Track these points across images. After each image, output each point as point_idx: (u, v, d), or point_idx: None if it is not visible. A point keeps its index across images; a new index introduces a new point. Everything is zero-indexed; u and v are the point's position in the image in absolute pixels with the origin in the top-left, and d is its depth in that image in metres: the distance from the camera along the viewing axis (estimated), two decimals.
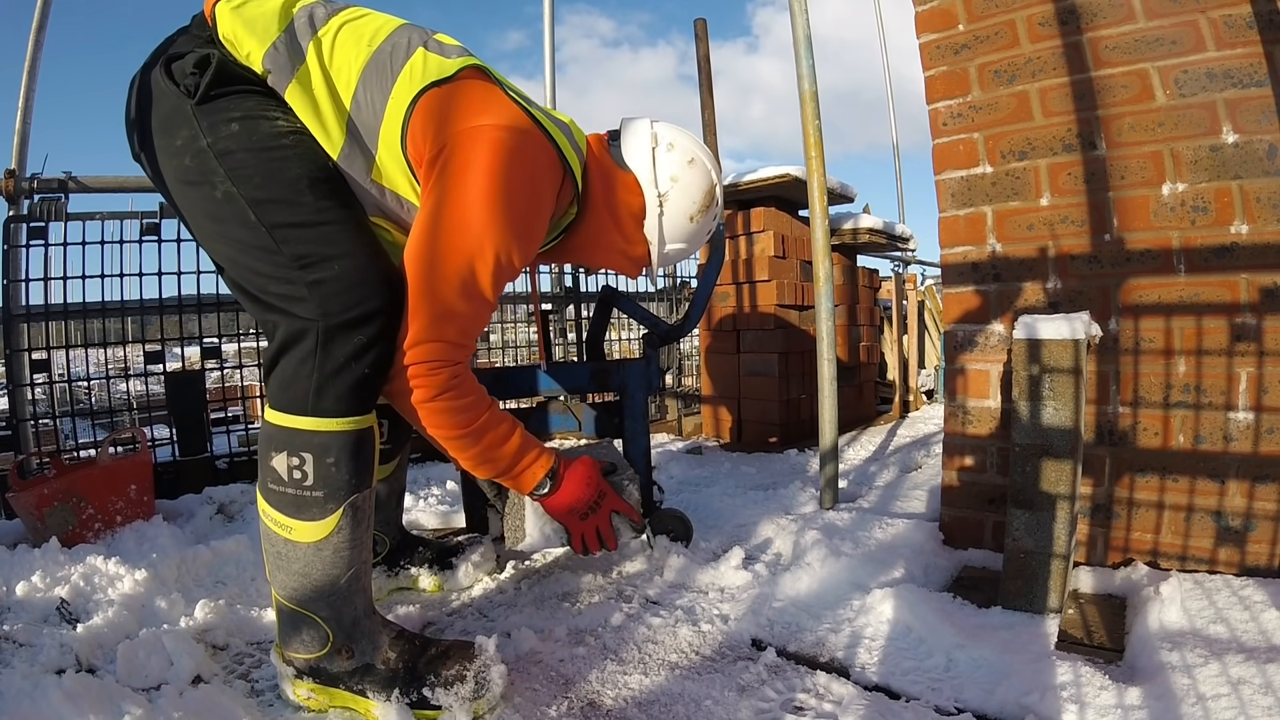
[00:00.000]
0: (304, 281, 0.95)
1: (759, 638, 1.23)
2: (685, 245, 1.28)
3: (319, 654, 1.01)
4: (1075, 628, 1.19)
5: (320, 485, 0.96)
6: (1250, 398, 1.30)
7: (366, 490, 1.01)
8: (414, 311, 0.98)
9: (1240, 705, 0.88)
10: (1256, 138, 1.28)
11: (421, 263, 0.97)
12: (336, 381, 0.95)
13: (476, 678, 1.01)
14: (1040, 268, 1.51)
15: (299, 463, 0.95)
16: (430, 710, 0.99)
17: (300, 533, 0.97)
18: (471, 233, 0.97)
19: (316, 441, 0.95)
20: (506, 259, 1.00)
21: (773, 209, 3.12)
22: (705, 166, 1.25)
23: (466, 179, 0.97)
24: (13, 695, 0.95)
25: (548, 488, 1.17)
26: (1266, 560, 1.28)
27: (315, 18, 1.04)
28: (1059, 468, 1.23)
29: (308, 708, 1.03)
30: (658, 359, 1.69)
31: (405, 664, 1.02)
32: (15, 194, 2.07)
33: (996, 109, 1.54)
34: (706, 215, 1.27)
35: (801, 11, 1.87)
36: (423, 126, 0.99)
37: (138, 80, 1.03)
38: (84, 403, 2.41)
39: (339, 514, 0.97)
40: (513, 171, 0.99)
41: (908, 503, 1.96)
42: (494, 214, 0.97)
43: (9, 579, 1.40)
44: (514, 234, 1.00)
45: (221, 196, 0.97)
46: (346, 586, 1.01)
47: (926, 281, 5.72)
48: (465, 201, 0.97)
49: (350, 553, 1.00)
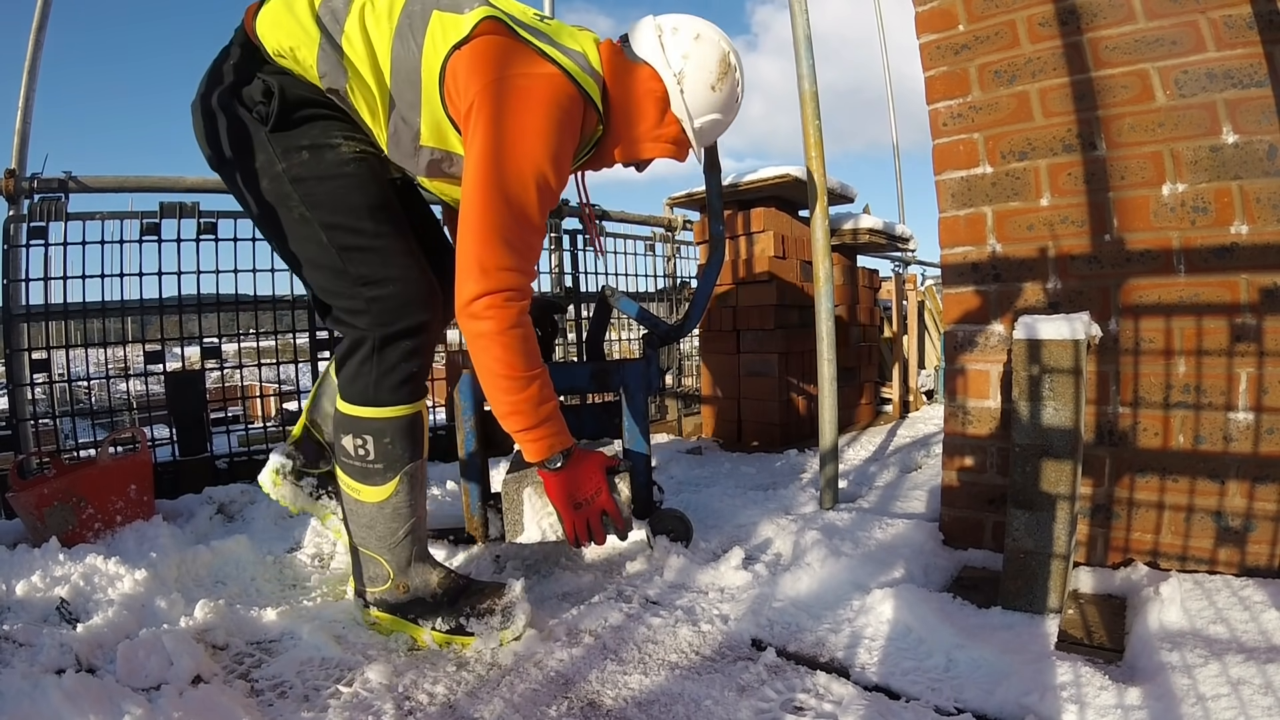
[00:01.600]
0: (364, 298, 1.15)
1: (759, 638, 1.23)
2: (718, 115, 1.33)
3: (382, 589, 1.25)
4: (1075, 628, 1.19)
5: (380, 459, 1.19)
6: (1250, 398, 1.30)
7: (419, 460, 1.24)
8: (480, 244, 1.08)
9: (1240, 705, 0.88)
10: (1256, 138, 1.28)
11: (476, 201, 1.08)
12: (390, 378, 1.17)
13: (504, 611, 1.22)
14: (1040, 268, 1.51)
15: (362, 442, 1.19)
16: (465, 636, 1.21)
17: (366, 495, 1.21)
18: (512, 164, 1.08)
19: (375, 426, 1.18)
20: (544, 182, 1.11)
21: (773, 209, 3.12)
22: (712, 38, 1.30)
23: (497, 123, 1.09)
24: (13, 695, 0.95)
25: (559, 464, 1.22)
26: (1266, 560, 1.28)
27: (336, 13, 1.13)
28: (1059, 468, 1.23)
29: (376, 630, 1.27)
30: (658, 359, 1.69)
31: (449, 598, 1.24)
32: (15, 194, 2.06)
33: (997, 109, 1.54)
34: (727, 81, 1.30)
35: (801, 11, 1.87)
36: (454, 87, 1.12)
37: (200, 105, 1.18)
38: (84, 403, 2.41)
39: (396, 481, 1.21)
40: (536, 111, 1.10)
41: (908, 503, 1.96)
42: (526, 145, 1.09)
43: (9, 579, 1.40)
44: (547, 158, 1.10)
45: (298, 218, 1.15)
46: (404, 537, 1.24)
47: (926, 281, 5.72)
48: (500, 141, 1.08)
49: (406, 510, 1.23)
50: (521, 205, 1.09)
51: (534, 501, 1.40)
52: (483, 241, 1.07)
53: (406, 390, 1.19)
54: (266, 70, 1.15)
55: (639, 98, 1.27)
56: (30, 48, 2.20)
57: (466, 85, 1.09)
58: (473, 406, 1.60)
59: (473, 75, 1.09)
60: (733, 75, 1.32)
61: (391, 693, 1.08)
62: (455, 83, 1.11)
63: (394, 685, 1.10)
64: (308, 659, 1.18)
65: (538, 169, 1.10)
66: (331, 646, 1.21)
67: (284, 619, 1.30)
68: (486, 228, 1.07)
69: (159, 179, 2.26)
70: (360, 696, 1.07)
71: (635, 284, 3.52)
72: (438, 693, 1.09)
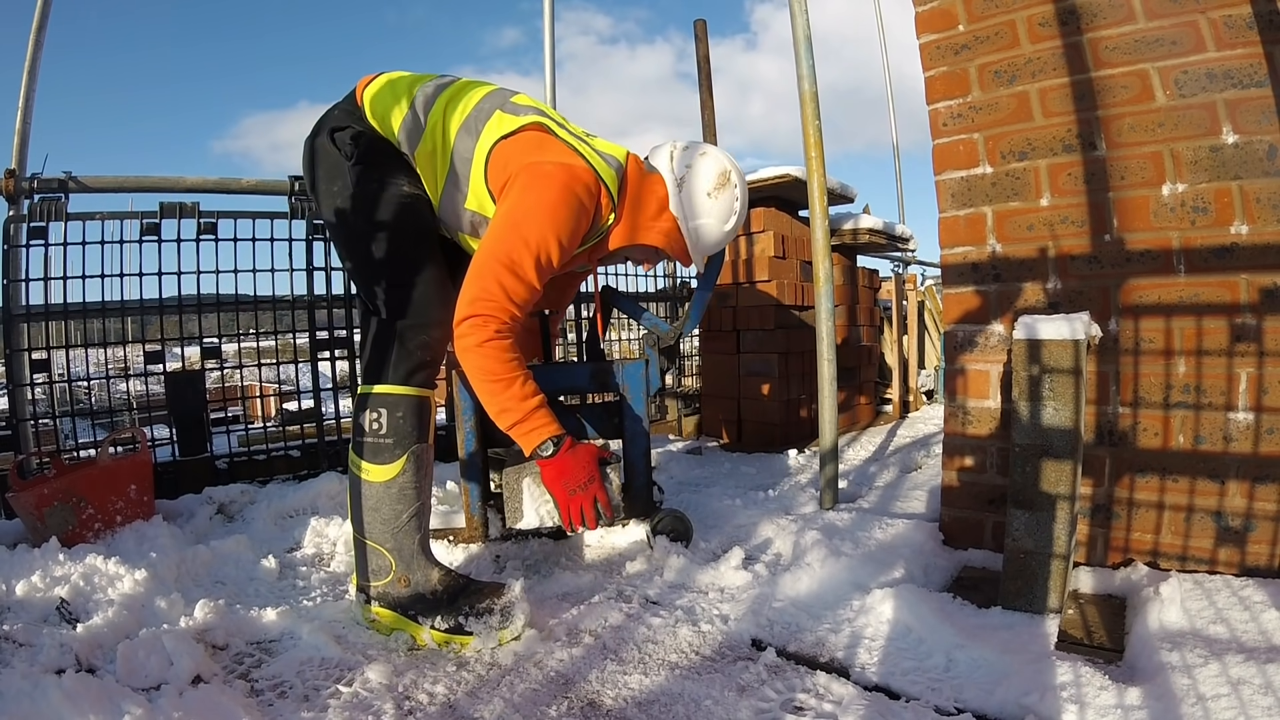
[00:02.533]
0: (397, 295, 1.34)
1: (759, 638, 1.23)
2: (710, 220, 1.51)
3: (384, 582, 1.30)
4: (1075, 628, 1.19)
5: (390, 434, 1.30)
6: (1250, 398, 1.30)
7: (426, 444, 1.34)
8: (476, 283, 1.28)
9: (1240, 705, 0.88)
10: (1256, 138, 1.28)
11: (485, 252, 1.31)
12: (407, 362, 1.32)
13: (502, 611, 1.24)
14: (1040, 268, 1.51)
15: (377, 416, 1.30)
16: (464, 635, 1.24)
17: (375, 474, 1.30)
18: (520, 231, 1.29)
19: (390, 400, 1.31)
20: (546, 252, 1.31)
21: (773, 209, 3.12)
22: (716, 156, 1.52)
23: (521, 198, 1.32)
24: (13, 695, 0.95)
25: (549, 451, 1.32)
26: (1266, 560, 1.28)
27: (427, 97, 1.43)
28: (1059, 468, 1.23)
29: (376, 629, 1.30)
30: (658, 359, 1.70)
31: (448, 596, 1.28)
32: (15, 194, 2.06)
33: (996, 109, 1.54)
34: (724, 193, 1.50)
35: (801, 12, 1.87)
36: (495, 167, 1.38)
37: (310, 142, 1.45)
38: (84, 403, 2.41)
39: (404, 459, 1.30)
40: (553, 191, 1.32)
41: (908, 503, 1.96)
42: (538, 217, 1.30)
43: (9, 579, 1.40)
44: (553, 233, 1.31)
45: (360, 232, 1.38)
46: (407, 522, 1.30)
47: (926, 282, 5.72)
48: (518, 212, 1.31)
49: (412, 492, 1.31)
50: (521, 264, 1.28)
51: (533, 490, 1.49)
52: (478, 281, 1.28)
53: (420, 377, 1.34)
54: (360, 124, 1.42)
55: (645, 195, 1.49)
56: (30, 47, 2.20)
57: (507, 164, 1.35)
58: (473, 407, 1.60)
59: (513, 158, 1.35)
60: (730, 189, 1.50)
61: (391, 693, 1.08)
62: (497, 163, 1.37)
63: (394, 685, 1.10)
64: (308, 659, 1.18)
65: (542, 239, 1.29)
66: (331, 646, 1.21)
67: (284, 619, 1.30)
68: (486, 273, 1.28)
69: (159, 179, 2.26)
70: (360, 696, 1.07)
71: (635, 284, 3.52)
72: (438, 693, 1.09)
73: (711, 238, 1.53)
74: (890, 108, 6.62)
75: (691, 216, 1.49)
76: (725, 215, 1.51)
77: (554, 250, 1.31)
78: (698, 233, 1.51)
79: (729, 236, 1.55)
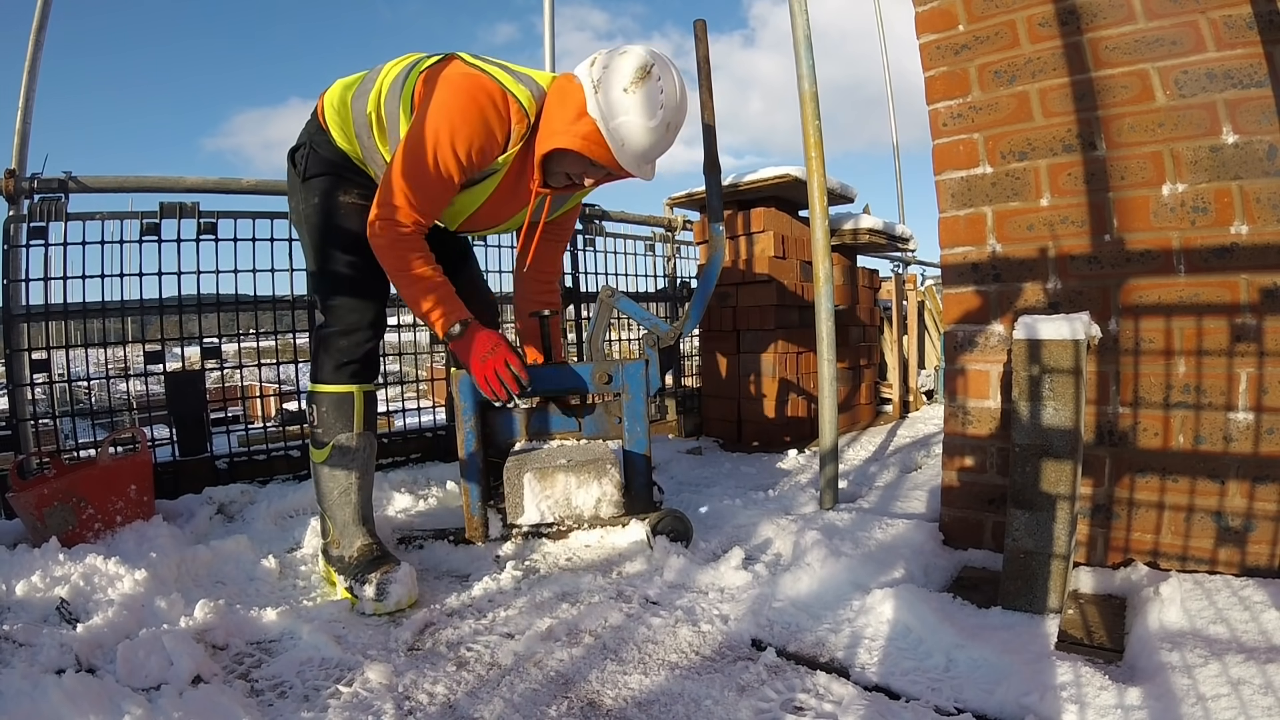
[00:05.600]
0: (332, 303, 1.53)
1: (759, 638, 1.23)
2: (631, 118, 1.41)
3: (327, 541, 1.56)
4: (1075, 628, 1.19)
5: (320, 424, 1.53)
6: (1250, 398, 1.30)
7: (354, 432, 1.53)
8: (385, 187, 1.42)
9: (1240, 705, 0.88)
10: (1256, 138, 1.28)
11: (394, 158, 1.43)
12: (330, 361, 1.52)
13: (379, 586, 1.37)
14: (1040, 268, 1.51)
15: (311, 410, 1.55)
16: (353, 598, 1.41)
17: (315, 455, 1.55)
18: (419, 138, 1.39)
19: (317, 396, 1.53)
20: (444, 161, 1.40)
21: (773, 209, 3.12)
22: (637, 52, 1.44)
23: (423, 109, 1.42)
24: (13, 695, 0.95)
25: (458, 330, 1.49)
26: (1266, 560, 1.28)
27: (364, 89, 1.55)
28: (1059, 468, 1.23)
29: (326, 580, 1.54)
30: (658, 359, 1.70)
31: (360, 563, 1.45)
32: (15, 194, 2.06)
33: (996, 109, 1.54)
34: (642, 85, 1.40)
35: (801, 11, 1.87)
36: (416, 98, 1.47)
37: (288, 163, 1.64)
38: (84, 403, 2.41)
39: (330, 446, 1.52)
40: (456, 98, 1.40)
41: (908, 503, 1.96)
42: (434, 127, 1.39)
43: (9, 579, 1.40)
44: (447, 141, 1.39)
45: (309, 242, 1.58)
46: (339, 497, 1.52)
47: (926, 282, 5.72)
48: (419, 122, 1.41)
49: (341, 473, 1.52)
50: (418, 171, 1.39)
51: (533, 486, 1.52)
52: (384, 188, 1.42)
53: (345, 373, 1.52)
54: (317, 136, 1.57)
55: (561, 101, 1.47)
56: (30, 47, 2.20)
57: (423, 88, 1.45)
58: (473, 407, 1.60)
59: (428, 79, 1.45)
60: (650, 83, 1.40)
61: (391, 693, 1.08)
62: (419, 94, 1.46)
63: (394, 685, 1.10)
64: (307, 659, 1.18)
65: (437, 146, 1.39)
66: (331, 646, 1.21)
67: (284, 619, 1.30)
68: (394, 176, 1.41)
69: (159, 179, 2.26)
70: (360, 696, 1.07)
71: (635, 284, 3.52)
72: (438, 693, 1.09)
73: (635, 137, 1.42)
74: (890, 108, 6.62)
75: (610, 116, 1.40)
76: (648, 110, 1.40)
77: (448, 158, 1.40)
78: (619, 132, 1.41)
79: (659, 135, 1.43)
